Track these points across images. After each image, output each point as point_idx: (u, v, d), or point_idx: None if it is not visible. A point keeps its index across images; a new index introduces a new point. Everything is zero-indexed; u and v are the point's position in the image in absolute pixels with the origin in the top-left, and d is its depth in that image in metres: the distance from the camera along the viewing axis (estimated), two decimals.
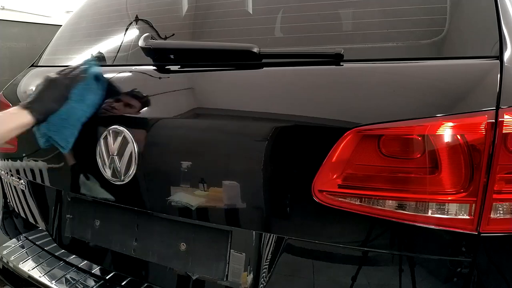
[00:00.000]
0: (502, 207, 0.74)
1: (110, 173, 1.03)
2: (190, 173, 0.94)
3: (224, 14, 1.17)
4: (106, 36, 1.35)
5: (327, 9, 1.03)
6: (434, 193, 0.75)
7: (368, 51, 0.91)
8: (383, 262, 0.83)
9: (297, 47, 1.00)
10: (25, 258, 1.24)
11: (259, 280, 0.91)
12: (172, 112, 1.00)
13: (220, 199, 0.92)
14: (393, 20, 0.94)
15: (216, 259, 0.97)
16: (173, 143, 0.98)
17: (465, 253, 0.76)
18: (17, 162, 1.33)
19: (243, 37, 1.09)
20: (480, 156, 0.73)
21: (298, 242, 0.88)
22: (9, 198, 1.46)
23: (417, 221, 0.77)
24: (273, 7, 1.11)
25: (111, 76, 1.12)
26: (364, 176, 0.80)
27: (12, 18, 3.55)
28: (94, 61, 1.09)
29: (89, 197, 1.16)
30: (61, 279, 1.13)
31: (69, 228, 1.23)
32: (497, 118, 0.72)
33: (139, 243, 1.08)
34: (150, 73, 1.08)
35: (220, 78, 1.01)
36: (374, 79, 0.85)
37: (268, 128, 0.86)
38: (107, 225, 1.16)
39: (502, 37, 0.81)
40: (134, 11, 1.33)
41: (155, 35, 1.18)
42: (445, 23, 0.87)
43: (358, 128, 0.78)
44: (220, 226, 0.96)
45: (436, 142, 0.74)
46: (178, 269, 1.02)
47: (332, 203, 0.81)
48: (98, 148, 1.05)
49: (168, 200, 0.98)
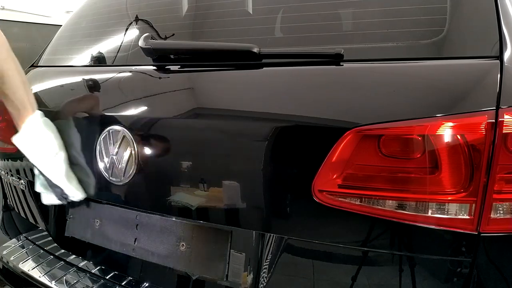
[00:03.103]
0: (502, 207, 0.74)
1: (110, 173, 1.03)
2: (190, 173, 0.94)
3: (224, 14, 1.17)
4: (106, 36, 1.35)
5: (327, 9, 1.03)
6: (434, 193, 0.75)
7: (368, 51, 0.92)
8: (383, 262, 0.83)
9: (297, 47, 1.00)
10: (25, 258, 1.24)
11: (259, 280, 0.91)
12: (172, 112, 1.00)
13: (220, 199, 0.92)
14: (393, 20, 0.94)
15: (216, 259, 0.97)
16: (173, 143, 0.98)
17: (465, 253, 0.76)
18: (17, 162, 1.33)
19: (243, 37, 1.09)
20: (480, 156, 0.73)
21: (298, 242, 0.88)
22: (9, 198, 1.46)
23: (417, 221, 0.77)
24: (273, 7, 1.11)
25: (111, 76, 1.12)
26: (364, 176, 0.80)
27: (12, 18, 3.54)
28: None
29: (89, 197, 1.16)
30: (61, 279, 1.13)
31: (69, 228, 1.23)
32: (497, 118, 0.72)
33: (139, 243, 1.08)
34: (150, 73, 1.08)
35: (220, 78, 1.01)
36: (374, 79, 0.85)
37: (268, 128, 0.86)
38: (107, 225, 1.16)
39: (502, 37, 0.81)
40: (134, 11, 1.33)
41: (155, 35, 1.18)
42: (445, 23, 0.87)
43: (358, 128, 0.78)
44: (220, 226, 0.96)
45: (436, 142, 0.74)
46: (178, 269, 1.02)
47: (332, 203, 0.81)
48: (98, 148, 1.05)
49: (168, 200, 0.98)
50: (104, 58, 1.27)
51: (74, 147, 1.13)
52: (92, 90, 1.16)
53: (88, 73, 1.23)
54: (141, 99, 1.04)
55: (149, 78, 1.08)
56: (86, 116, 1.11)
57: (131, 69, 1.14)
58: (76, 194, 1.10)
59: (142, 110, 1.02)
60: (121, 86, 1.11)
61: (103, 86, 1.15)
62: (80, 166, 1.12)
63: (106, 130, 1.03)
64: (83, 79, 1.20)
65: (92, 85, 1.17)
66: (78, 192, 1.10)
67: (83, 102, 1.16)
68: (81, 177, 1.13)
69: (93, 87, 1.16)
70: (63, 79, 1.30)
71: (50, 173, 1.08)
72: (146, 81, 1.09)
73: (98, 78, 1.17)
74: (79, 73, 1.25)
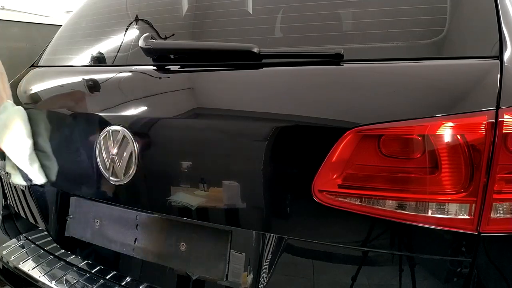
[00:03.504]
0: (502, 207, 0.74)
1: (110, 173, 1.03)
2: (190, 173, 0.94)
3: (224, 14, 1.17)
4: (106, 36, 1.35)
5: (327, 9, 1.03)
6: (434, 193, 0.75)
7: (368, 51, 0.91)
8: (383, 262, 0.83)
9: (297, 47, 1.00)
10: (25, 258, 1.24)
11: (259, 280, 0.91)
12: (172, 112, 1.00)
13: (220, 199, 0.92)
14: (393, 20, 0.94)
15: (216, 259, 0.97)
16: (173, 143, 0.98)
17: (465, 253, 0.76)
18: None
19: (243, 37, 1.09)
20: (480, 156, 0.73)
21: (298, 242, 0.88)
22: (9, 198, 1.46)
23: (417, 221, 0.77)
24: (273, 7, 1.11)
25: (111, 76, 1.12)
26: (364, 176, 0.80)
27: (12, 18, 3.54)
28: None
29: (89, 197, 1.16)
30: (61, 279, 1.13)
31: (69, 228, 1.23)
32: (497, 118, 0.72)
33: (139, 243, 1.08)
34: (150, 73, 1.08)
35: (220, 78, 1.01)
36: (374, 79, 0.85)
37: (268, 128, 0.86)
38: (107, 225, 1.15)
39: (502, 37, 0.81)
40: (134, 11, 1.33)
41: (155, 35, 1.18)
42: (445, 23, 0.87)
43: (358, 128, 0.78)
44: (220, 226, 0.96)
45: (436, 142, 0.74)
46: (178, 269, 1.02)
47: (332, 203, 0.81)
48: (98, 148, 1.05)
49: (168, 200, 0.98)
50: (104, 58, 1.27)
51: (74, 147, 1.13)
52: (92, 90, 1.16)
53: (88, 73, 1.23)
54: (141, 99, 1.04)
55: (149, 78, 1.08)
56: (86, 116, 1.11)
57: (131, 69, 1.14)
58: (37, 177, 1.20)
59: (142, 110, 1.02)
60: (121, 86, 1.11)
61: (103, 86, 1.15)
62: (80, 166, 1.12)
63: (106, 130, 1.03)
64: (83, 79, 1.20)
65: (92, 85, 1.17)
66: (40, 176, 1.20)
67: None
68: (81, 177, 1.13)
69: (93, 87, 1.16)
70: (63, 79, 1.30)
71: (15, 157, 1.18)
72: (146, 81, 1.09)
73: (98, 78, 1.17)
74: (79, 73, 1.25)
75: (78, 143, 1.12)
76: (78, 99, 1.17)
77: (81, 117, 1.13)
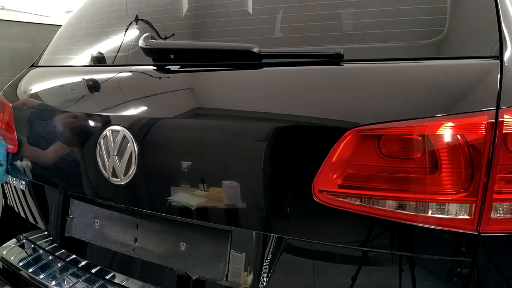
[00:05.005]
0: (502, 207, 0.74)
1: (110, 173, 1.03)
2: (190, 173, 0.94)
3: (224, 14, 1.17)
4: (106, 36, 1.35)
5: (327, 9, 1.03)
6: (434, 193, 0.75)
7: (368, 51, 0.91)
8: (383, 262, 0.83)
9: (297, 47, 1.00)
10: (25, 258, 1.24)
11: (259, 280, 0.91)
12: (172, 112, 1.00)
13: (220, 199, 0.92)
14: (393, 20, 0.94)
15: (216, 259, 0.97)
16: (173, 143, 0.98)
17: (465, 253, 0.76)
18: (17, 162, 1.33)
19: (243, 37, 1.09)
20: (480, 156, 0.73)
21: (298, 242, 0.88)
22: (9, 198, 1.46)
23: (417, 221, 0.77)
24: (273, 7, 1.11)
25: (111, 76, 1.12)
26: (364, 176, 0.80)
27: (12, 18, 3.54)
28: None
29: (89, 197, 1.16)
30: (61, 279, 1.13)
31: (69, 228, 1.23)
32: (497, 118, 0.72)
33: (139, 243, 1.08)
34: (150, 73, 1.08)
35: (220, 78, 1.01)
36: (374, 79, 0.85)
37: (268, 128, 0.86)
38: (107, 225, 1.16)
39: (502, 37, 0.81)
40: (134, 11, 1.33)
41: (155, 35, 1.18)
42: (445, 23, 0.87)
43: (358, 128, 0.78)
44: (220, 226, 0.96)
45: (436, 142, 0.74)
46: (178, 269, 1.02)
47: (332, 203, 0.81)
48: (98, 148, 1.05)
49: (168, 200, 0.98)
50: (104, 58, 1.27)
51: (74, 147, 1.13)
52: (92, 90, 1.17)
53: (88, 73, 1.23)
54: (141, 99, 1.04)
55: (149, 78, 1.08)
56: (86, 116, 1.11)
57: (131, 69, 1.14)
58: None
59: (142, 110, 1.02)
60: (121, 86, 1.11)
61: (103, 86, 1.15)
62: (80, 166, 1.12)
63: (106, 130, 1.03)
64: (83, 79, 1.20)
65: (92, 85, 1.17)
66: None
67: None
68: (81, 177, 1.13)
69: (93, 87, 1.17)
70: (63, 79, 1.30)
71: None
72: (146, 81, 1.09)
73: (98, 78, 1.17)
74: (79, 73, 1.26)
75: (78, 143, 1.12)
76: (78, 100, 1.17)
77: (81, 117, 1.13)
